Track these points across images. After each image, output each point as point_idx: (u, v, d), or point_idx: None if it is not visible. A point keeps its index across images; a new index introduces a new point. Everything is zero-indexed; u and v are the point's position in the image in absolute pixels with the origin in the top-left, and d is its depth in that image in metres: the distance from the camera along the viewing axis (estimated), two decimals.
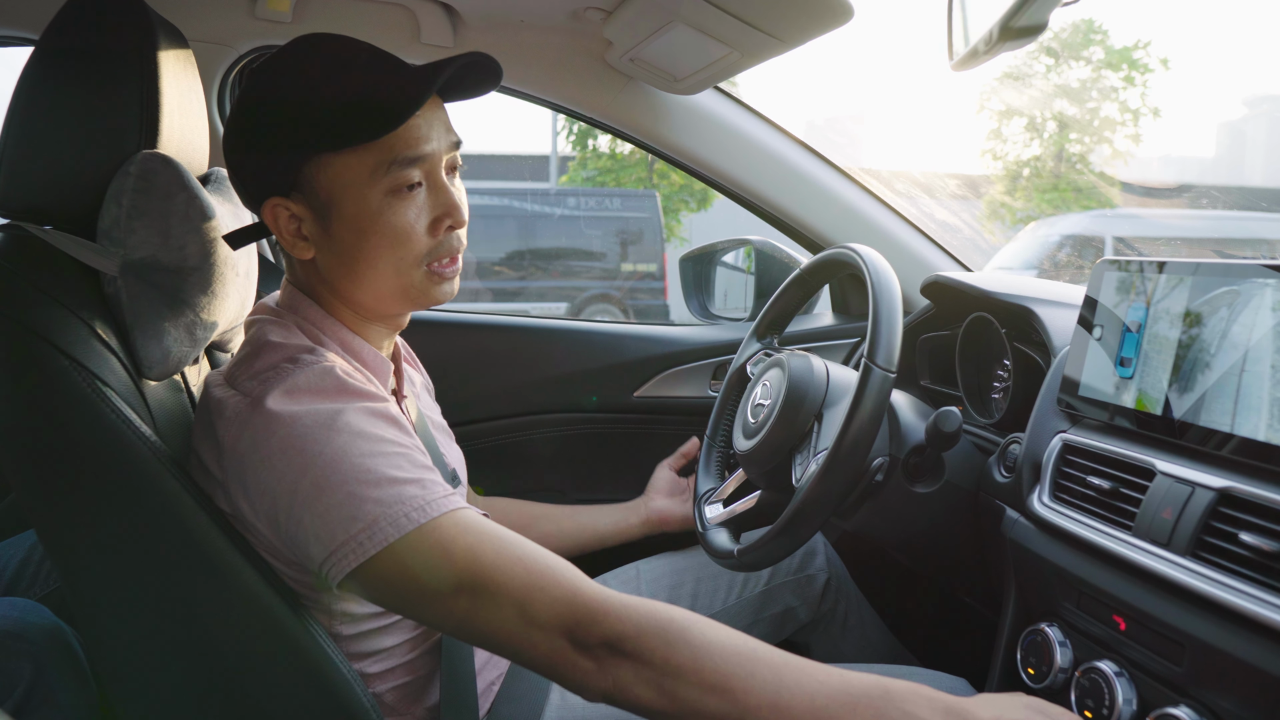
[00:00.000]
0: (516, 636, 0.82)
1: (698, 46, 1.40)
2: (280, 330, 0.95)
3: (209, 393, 0.92)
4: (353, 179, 0.92)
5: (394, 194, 0.93)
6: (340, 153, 0.92)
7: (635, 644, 0.80)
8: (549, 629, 0.81)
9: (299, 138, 0.92)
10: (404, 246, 0.95)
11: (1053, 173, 14.58)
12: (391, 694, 1.00)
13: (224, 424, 0.87)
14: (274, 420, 0.85)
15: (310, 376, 0.88)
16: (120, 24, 0.94)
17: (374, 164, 0.92)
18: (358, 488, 0.83)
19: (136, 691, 0.93)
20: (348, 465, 0.83)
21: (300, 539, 0.84)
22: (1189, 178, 19.86)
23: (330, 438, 0.84)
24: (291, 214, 0.95)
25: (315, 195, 0.93)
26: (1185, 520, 0.85)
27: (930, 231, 1.80)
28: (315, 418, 0.85)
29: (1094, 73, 14.78)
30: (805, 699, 0.79)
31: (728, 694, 0.79)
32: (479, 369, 1.78)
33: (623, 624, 0.80)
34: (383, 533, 0.82)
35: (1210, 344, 0.89)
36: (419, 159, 0.94)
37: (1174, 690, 0.85)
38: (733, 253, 2.07)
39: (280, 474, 0.84)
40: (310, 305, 0.99)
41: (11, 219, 0.93)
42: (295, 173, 0.93)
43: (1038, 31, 0.90)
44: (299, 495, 0.83)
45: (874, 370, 1.05)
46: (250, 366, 0.91)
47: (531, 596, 0.81)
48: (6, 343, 0.84)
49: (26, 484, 0.87)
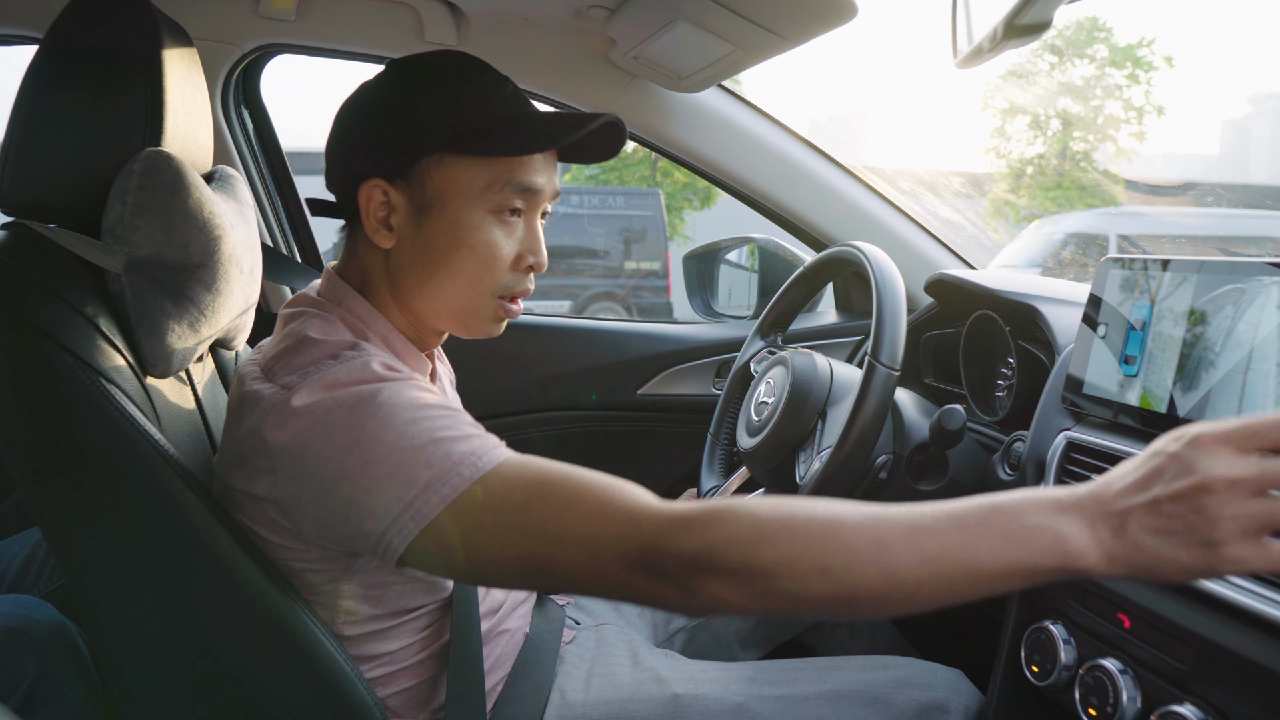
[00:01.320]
0: (593, 577, 0.77)
1: (701, 44, 1.40)
2: (322, 324, 0.94)
3: (246, 385, 0.90)
4: (466, 187, 0.94)
5: (496, 214, 0.95)
6: (464, 158, 0.93)
7: (711, 559, 0.72)
8: (622, 564, 0.75)
9: (435, 133, 0.93)
10: (487, 268, 0.96)
11: (1057, 170, 14.55)
12: (395, 699, 0.99)
13: (260, 415, 0.85)
14: (315, 406, 0.83)
15: (351, 370, 0.86)
16: (124, 22, 0.95)
17: (491, 179, 0.94)
18: (406, 455, 0.80)
19: (140, 688, 0.93)
20: (392, 435, 0.81)
21: (353, 519, 0.81)
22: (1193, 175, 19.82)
23: (372, 412, 0.82)
24: (387, 200, 0.95)
25: (421, 190, 0.94)
26: None
27: (934, 229, 1.80)
28: (355, 397, 0.83)
29: (1098, 70, 14.76)
30: (912, 551, 0.70)
31: (827, 574, 0.70)
32: (482, 367, 1.78)
33: (690, 542, 0.73)
34: (437, 494, 0.79)
35: (1215, 342, 0.89)
36: (530, 189, 0.96)
37: (1179, 688, 0.85)
38: (736, 251, 2.08)
39: (326, 457, 0.82)
40: (356, 298, 0.98)
41: (16, 216, 0.94)
42: (411, 164, 0.94)
43: (1042, 29, 0.90)
44: (347, 473, 0.81)
45: (878, 368, 1.05)
46: (290, 361, 0.89)
47: (595, 537, 0.76)
48: (11, 340, 0.84)
49: (30, 481, 0.87)
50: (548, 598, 1.26)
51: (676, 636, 1.36)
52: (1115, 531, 0.68)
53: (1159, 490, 0.68)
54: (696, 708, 1.05)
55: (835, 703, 1.06)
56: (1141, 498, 0.68)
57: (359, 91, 0.98)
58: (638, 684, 1.10)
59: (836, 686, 1.08)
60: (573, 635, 1.22)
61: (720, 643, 1.38)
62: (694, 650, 1.35)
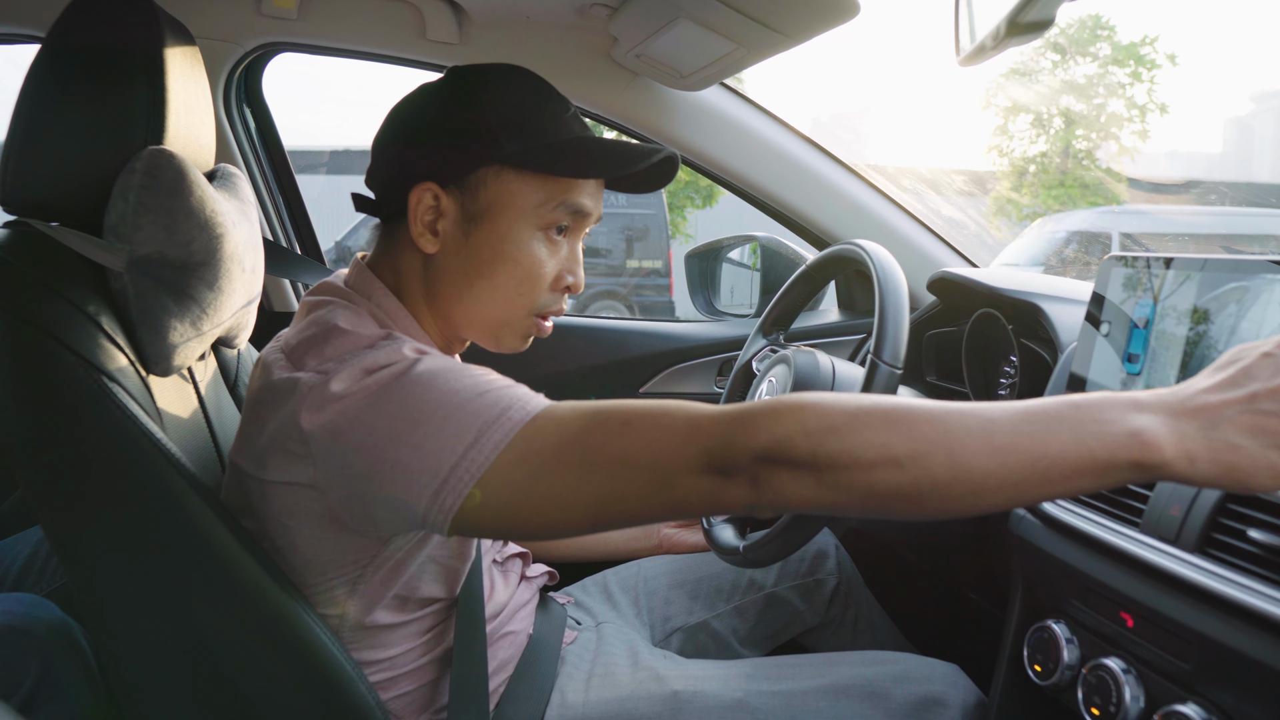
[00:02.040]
0: (661, 492, 0.75)
1: (703, 42, 1.39)
2: (350, 316, 0.92)
3: (273, 376, 0.88)
4: (521, 202, 0.95)
5: (544, 232, 0.97)
6: (523, 173, 0.94)
7: (778, 450, 0.71)
8: (689, 469, 0.74)
9: (499, 144, 0.93)
10: (528, 284, 0.97)
11: (1059, 169, 14.55)
12: (396, 702, 0.99)
13: (296, 401, 0.84)
14: (356, 389, 0.82)
15: (389, 353, 0.85)
16: (127, 20, 0.95)
17: (546, 197, 0.95)
18: (454, 409, 0.79)
19: (142, 686, 0.93)
20: (436, 394, 0.80)
21: (401, 482, 0.79)
22: (1196, 173, 19.81)
23: (413, 380, 0.81)
24: (436, 205, 0.95)
25: (474, 199, 0.94)
26: (1193, 517, 0.84)
27: (936, 227, 1.80)
28: (393, 373, 0.82)
29: (1101, 69, 14.74)
30: (982, 440, 0.68)
31: (895, 465, 0.69)
32: (484, 365, 1.78)
33: (756, 437, 0.72)
34: (490, 441, 0.77)
35: (1218, 340, 0.88)
36: (580, 211, 0.97)
37: (1182, 687, 0.84)
38: (738, 249, 2.07)
39: (370, 426, 0.80)
40: (387, 294, 0.98)
41: (18, 215, 0.94)
42: (467, 172, 0.94)
43: (1045, 27, 0.89)
44: (394, 437, 0.79)
45: (880, 366, 1.05)
46: (320, 351, 0.87)
47: (659, 450, 0.74)
48: (13, 339, 0.84)
49: (32, 480, 0.87)
50: (550, 598, 1.26)
51: (674, 636, 1.35)
52: (1205, 428, 0.65)
53: (1256, 387, 0.65)
54: (696, 704, 1.05)
55: (833, 697, 1.06)
56: (1237, 393, 0.66)
57: (418, 94, 0.98)
58: (637, 683, 1.10)
59: (835, 681, 1.08)
60: (574, 636, 1.22)
61: (719, 642, 1.38)
62: (693, 650, 1.35)
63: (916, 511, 0.70)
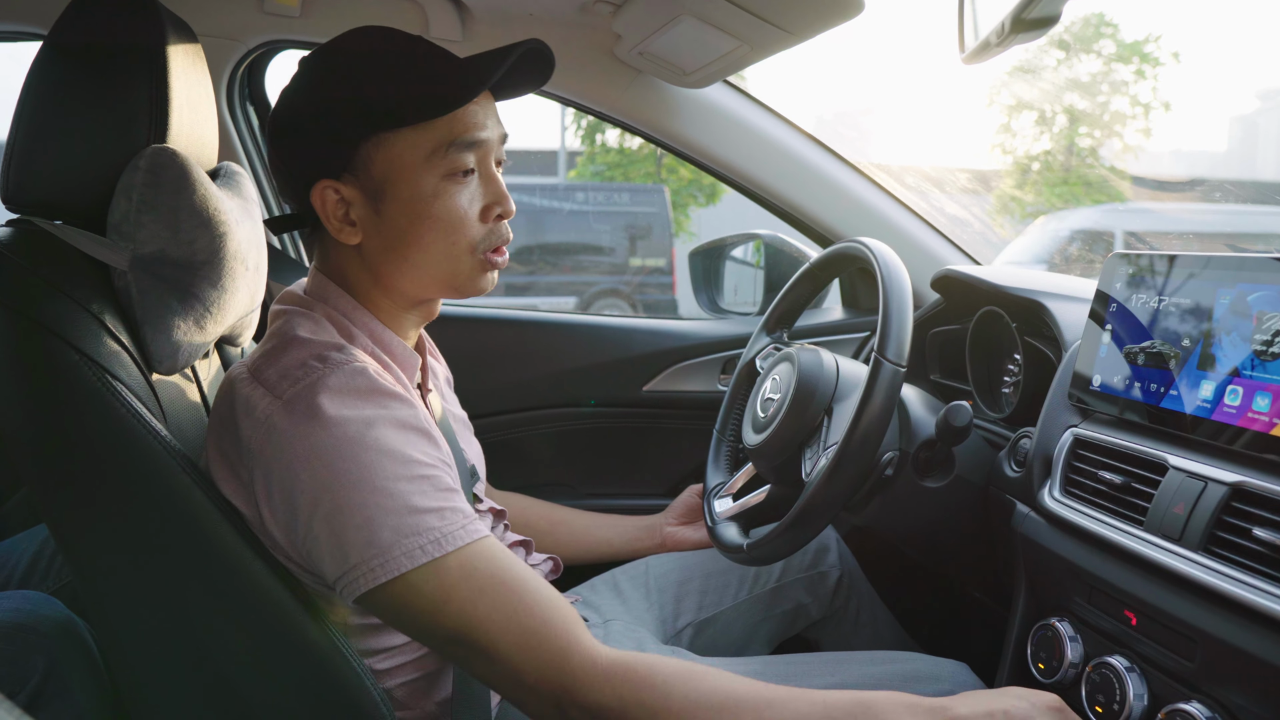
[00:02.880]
0: (509, 692, 0.86)
1: (706, 40, 1.39)
2: (308, 323, 0.94)
3: (235, 389, 0.90)
4: (410, 160, 0.93)
5: (449, 178, 0.94)
6: (399, 132, 0.92)
7: (619, 716, 0.82)
8: (538, 693, 0.84)
9: (359, 117, 0.92)
10: (456, 232, 0.96)
11: (1063, 166, 14.51)
12: (402, 689, 1.00)
13: (252, 424, 0.87)
14: (302, 428, 0.84)
15: (341, 378, 0.87)
16: (129, 18, 0.95)
17: (432, 146, 0.93)
18: (377, 513, 0.83)
19: (148, 684, 0.93)
20: (369, 487, 0.83)
21: (315, 553, 0.85)
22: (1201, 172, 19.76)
23: (356, 454, 0.84)
24: (341, 197, 0.95)
25: (369, 177, 0.94)
26: (1198, 515, 0.84)
27: (940, 225, 1.79)
28: (345, 430, 0.84)
29: (1105, 66, 14.70)
30: None
31: None
32: (488, 363, 1.78)
33: (605, 696, 0.82)
34: (396, 562, 0.82)
35: (1222, 338, 0.88)
36: (475, 144, 0.95)
37: (1186, 686, 0.84)
38: (742, 247, 2.07)
39: (304, 486, 0.83)
40: (341, 295, 0.99)
41: (21, 214, 0.94)
42: (351, 154, 0.93)
43: (1050, 24, 0.89)
44: (319, 512, 0.83)
45: (884, 364, 1.04)
46: (277, 362, 0.90)
47: (523, 657, 0.83)
48: (17, 337, 0.84)
49: (38, 478, 0.87)
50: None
51: (685, 631, 1.36)
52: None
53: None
54: None
55: None
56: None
57: (280, 100, 0.97)
58: None
59: (843, 680, 1.08)
60: None
61: (727, 639, 1.38)
62: (700, 646, 1.35)
63: None
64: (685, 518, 1.48)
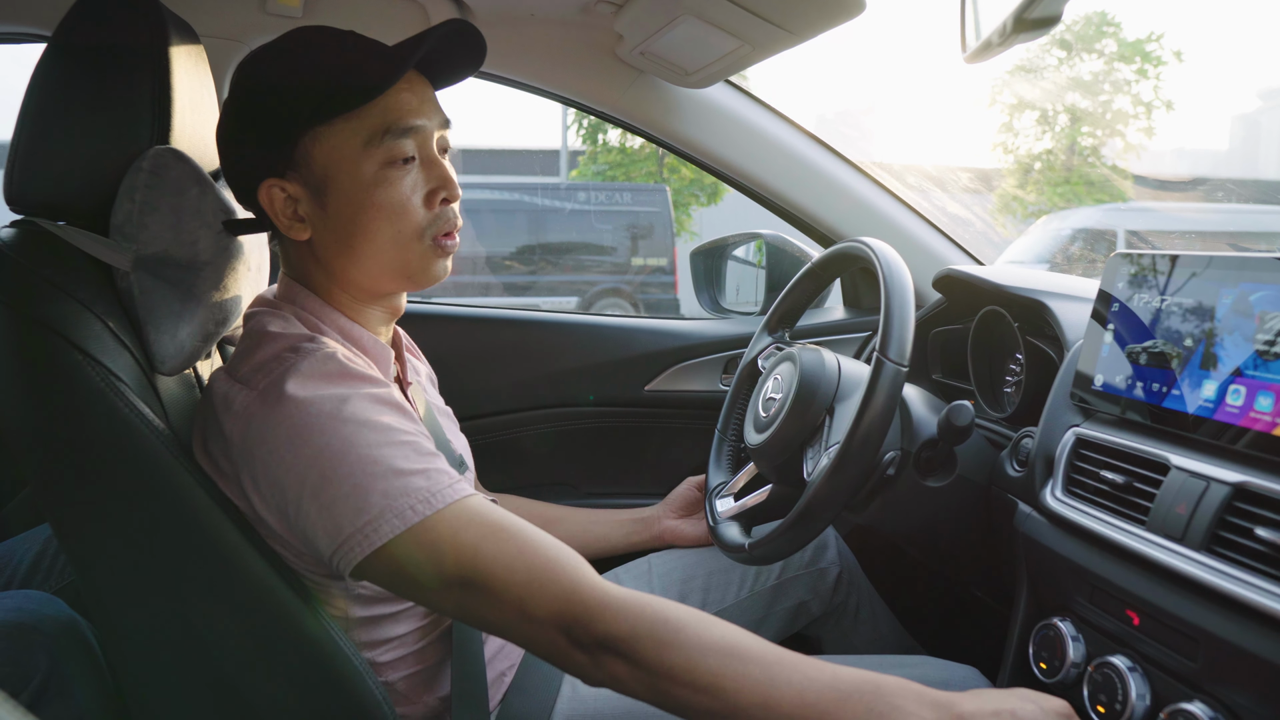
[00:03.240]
0: (515, 628, 0.84)
1: (708, 40, 1.39)
2: (278, 321, 0.95)
3: (213, 388, 0.92)
4: (347, 151, 0.93)
5: (389, 166, 0.94)
6: (333, 124, 0.92)
7: (629, 645, 0.81)
8: (546, 624, 0.83)
9: (293, 112, 0.92)
10: (401, 219, 0.95)
11: (1065, 166, 14.50)
12: (403, 683, 1.00)
13: (231, 418, 0.88)
14: (280, 412, 0.85)
15: (313, 363, 0.88)
16: (132, 20, 0.95)
17: (367, 134, 0.93)
18: (364, 480, 0.83)
19: (150, 682, 0.93)
20: (354, 457, 0.84)
21: (308, 531, 0.85)
22: (1203, 171, 19.72)
23: (336, 428, 0.84)
24: (287, 195, 0.95)
25: (310, 172, 0.94)
26: (1200, 515, 0.84)
27: (942, 225, 1.79)
28: (320, 407, 0.85)
29: (1106, 65, 14.69)
30: (795, 694, 0.81)
31: (719, 694, 0.81)
32: (490, 363, 1.78)
33: (618, 624, 0.82)
34: (389, 525, 0.82)
35: (1224, 338, 0.88)
36: (410, 129, 0.95)
37: (1188, 686, 0.84)
38: (743, 246, 2.07)
39: (288, 467, 0.84)
40: (307, 295, 0.99)
41: (25, 214, 0.94)
42: (290, 151, 0.93)
43: (1052, 23, 0.89)
44: (306, 488, 0.84)
45: (886, 364, 1.04)
46: (251, 359, 0.91)
47: (530, 593, 0.83)
48: (20, 337, 0.85)
49: (40, 477, 0.88)
50: None
51: None
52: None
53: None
54: None
55: None
56: None
57: (222, 110, 0.97)
58: None
59: None
60: None
61: None
62: None
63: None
64: (682, 510, 1.48)
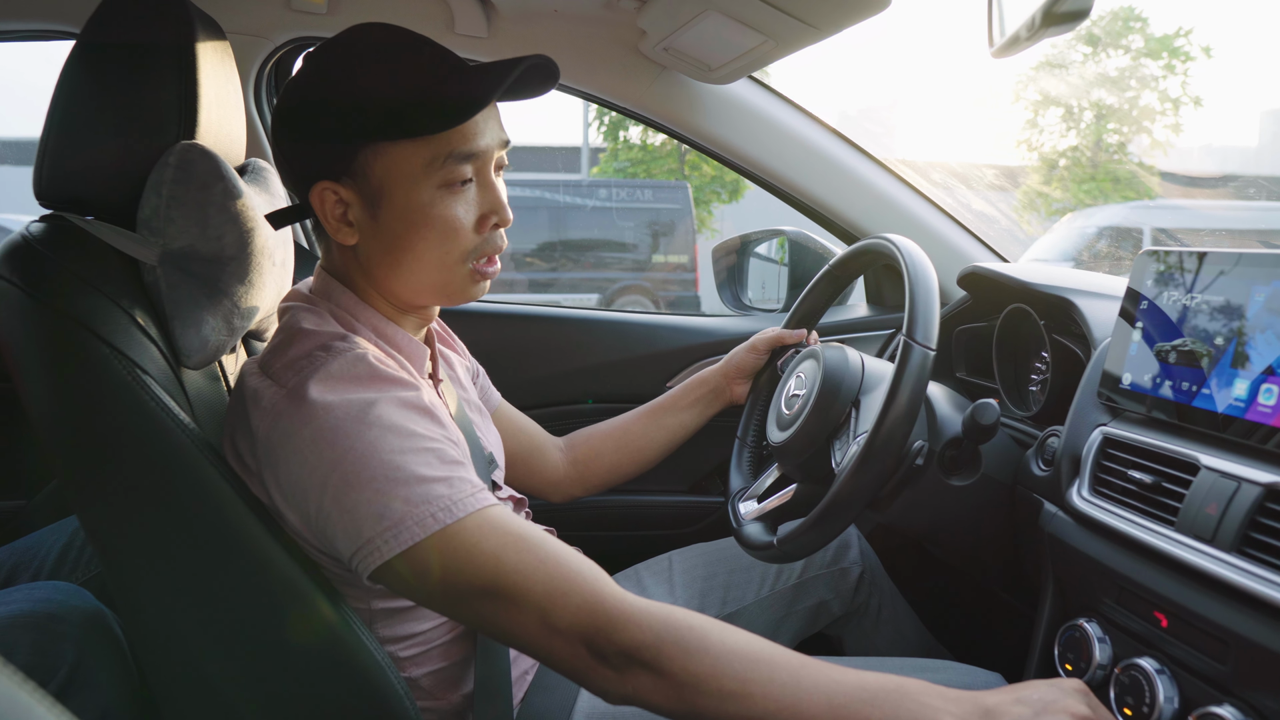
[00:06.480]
0: (537, 640, 0.83)
1: (732, 35, 1.39)
2: (313, 317, 0.96)
3: (244, 381, 0.92)
4: (407, 170, 0.93)
5: (446, 188, 0.94)
6: (397, 142, 0.92)
7: (654, 654, 0.81)
8: (569, 636, 0.82)
9: (360, 125, 0.92)
10: (451, 241, 0.96)
11: (1091, 163, 14.36)
12: (428, 679, 1.00)
13: (259, 414, 0.88)
14: (307, 412, 0.85)
15: (344, 364, 0.88)
16: (159, 17, 0.95)
17: (430, 157, 0.92)
18: (386, 485, 0.83)
19: (175, 674, 0.94)
20: (377, 461, 0.83)
21: (328, 533, 0.85)
22: (1232, 168, 19.48)
23: (361, 432, 0.84)
24: (339, 199, 0.95)
25: (367, 182, 0.94)
26: (1230, 516, 0.83)
27: (967, 222, 1.78)
28: (348, 409, 0.85)
29: (1133, 61, 14.54)
30: (823, 698, 0.80)
31: (746, 699, 0.80)
32: (511, 359, 1.78)
33: (642, 634, 0.81)
34: (409, 532, 0.82)
35: (1254, 336, 0.87)
36: (473, 155, 0.94)
37: (1218, 689, 0.83)
38: (766, 243, 2.06)
39: (311, 467, 0.84)
40: (344, 292, 1.00)
41: (53, 209, 0.95)
42: (350, 159, 0.93)
43: (1080, 18, 0.88)
44: (329, 490, 0.84)
45: (914, 347, 1.04)
46: (284, 355, 0.91)
47: (553, 603, 0.82)
48: (48, 330, 0.86)
49: (67, 470, 0.88)
50: None
51: None
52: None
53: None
54: None
55: None
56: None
57: (284, 96, 0.96)
58: None
59: None
60: None
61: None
62: None
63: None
64: (745, 376, 1.48)
